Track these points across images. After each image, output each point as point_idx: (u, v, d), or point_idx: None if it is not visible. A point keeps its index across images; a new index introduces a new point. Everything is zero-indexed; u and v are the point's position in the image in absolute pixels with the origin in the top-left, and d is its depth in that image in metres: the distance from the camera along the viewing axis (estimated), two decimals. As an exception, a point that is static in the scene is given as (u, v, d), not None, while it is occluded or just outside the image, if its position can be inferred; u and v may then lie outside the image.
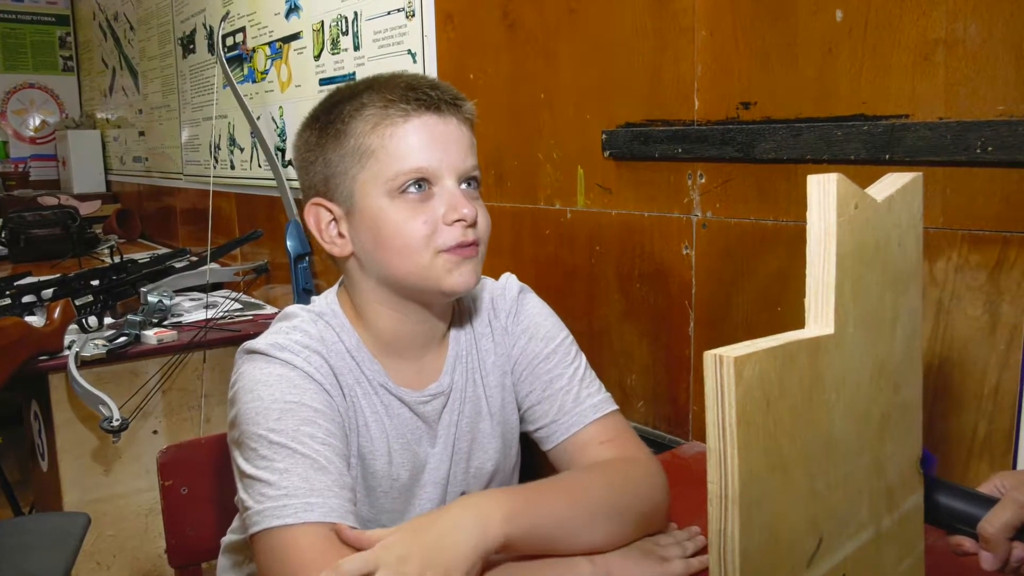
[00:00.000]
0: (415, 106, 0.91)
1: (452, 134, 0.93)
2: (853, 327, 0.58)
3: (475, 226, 0.92)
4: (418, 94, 0.91)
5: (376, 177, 0.91)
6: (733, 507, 0.51)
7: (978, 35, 0.95)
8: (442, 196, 0.91)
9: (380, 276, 0.95)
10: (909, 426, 0.67)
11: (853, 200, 0.57)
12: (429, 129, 0.91)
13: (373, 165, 0.91)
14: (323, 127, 0.94)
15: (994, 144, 0.93)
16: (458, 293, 0.95)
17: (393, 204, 0.91)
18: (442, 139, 0.92)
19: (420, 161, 0.90)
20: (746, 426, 0.50)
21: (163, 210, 3.81)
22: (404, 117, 0.91)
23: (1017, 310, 0.94)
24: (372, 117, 0.91)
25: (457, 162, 0.92)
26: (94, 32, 4.56)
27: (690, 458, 1.28)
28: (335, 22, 2.14)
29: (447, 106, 0.93)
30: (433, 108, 0.92)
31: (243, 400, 0.88)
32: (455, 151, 0.93)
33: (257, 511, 0.81)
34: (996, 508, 0.67)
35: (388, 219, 0.91)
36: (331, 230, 0.96)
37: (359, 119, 0.91)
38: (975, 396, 0.99)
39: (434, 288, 0.93)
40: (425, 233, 0.90)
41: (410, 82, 0.93)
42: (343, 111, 0.93)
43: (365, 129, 0.91)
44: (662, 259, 1.36)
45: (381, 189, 0.91)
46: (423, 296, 0.96)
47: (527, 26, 1.57)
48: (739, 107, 1.21)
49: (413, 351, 1.00)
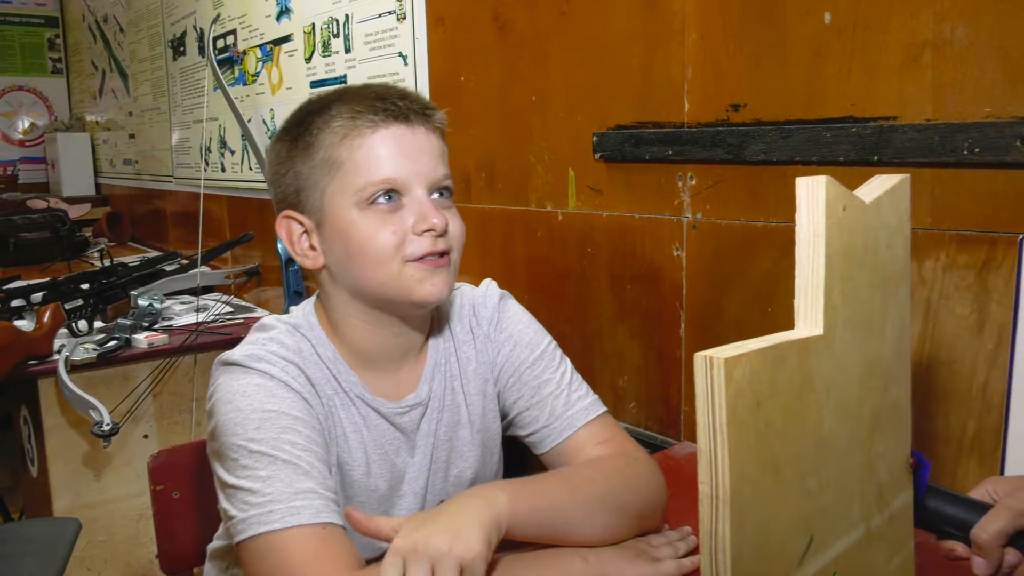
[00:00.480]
0: (383, 116, 0.91)
1: (421, 144, 0.92)
2: (842, 328, 0.59)
3: (446, 235, 0.92)
4: (386, 104, 0.91)
5: (345, 189, 0.90)
6: (724, 507, 0.51)
7: (965, 37, 0.95)
8: (411, 206, 0.91)
9: (352, 288, 0.94)
10: (899, 425, 0.67)
11: (841, 202, 0.57)
12: (397, 139, 0.91)
13: (342, 177, 0.91)
14: (293, 139, 0.94)
15: (981, 145, 0.93)
16: (430, 304, 0.95)
17: (363, 215, 0.90)
18: (411, 149, 0.91)
19: (388, 172, 0.90)
20: (736, 427, 0.51)
21: (153, 213, 3.80)
22: (372, 128, 0.90)
23: (1005, 309, 0.95)
24: (340, 128, 0.91)
25: (427, 172, 0.92)
26: (83, 34, 4.54)
27: (682, 459, 1.29)
28: (326, 24, 2.14)
29: (416, 116, 0.92)
30: (402, 118, 0.91)
31: (221, 411, 0.87)
32: (424, 161, 0.92)
33: (242, 519, 0.81)
34: (989, 515, 0.67)
35: (357, 230, 0.90)
36: (303, 242, 0.96)
37: (327, 131, 0.91)
38: (964, 394, 1.00)
39: (405, 299, 0.92)
40: (394, 243, 0.90)
41: (379, 92, 0.93)
42: (312, 123, 0.92)
43: (333, 141, 0.91)
44: (653, 260, 1.37)
45: (350, 201, 0.90)
46: (396, 307, 0.95)
47: (518, 28, 1.57)
48: (729, 109, 1.22)
49: (390, 363, 0.99)
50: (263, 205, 2.59)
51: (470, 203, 1.72)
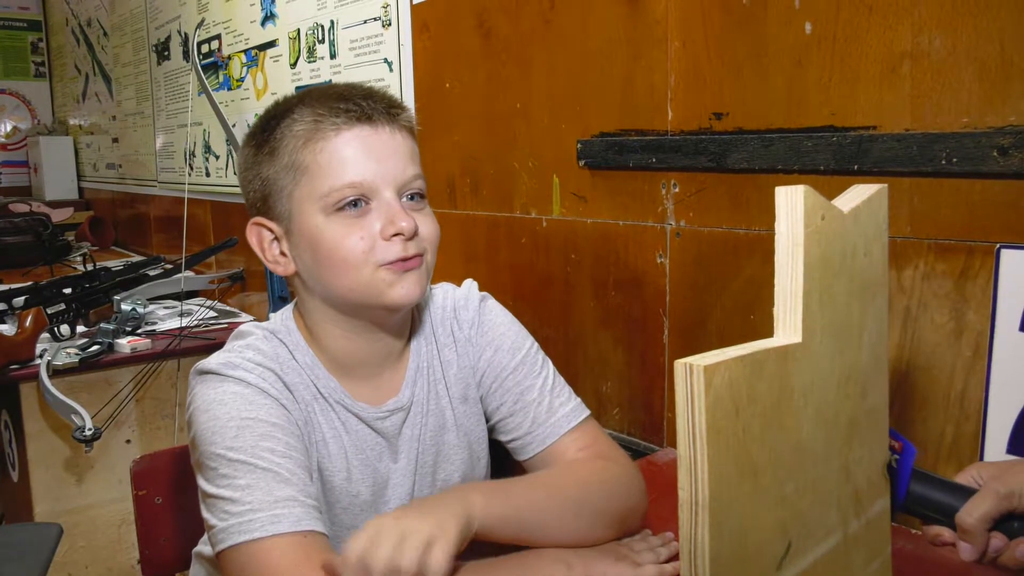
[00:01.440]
0: (346, 118, 0.88)
1: (388, 145, 0.90)
2: (821, 335, 0.59)
3: (416, 238, 0.90)
4: (349, 105, 0.89)
5: (311, 194, 0.89)
6: (703, 513, 0.52)
7: (943, 48, 0.97)
8: (379, 210, 0.89)
9: (324, 294, 0.93)
10: (876, 431, 0.68)
11: (820, 211, 0.58)
12: (362, 141, 0.89)
13: (307, 182, 0.89)
14: (258, 144, 0.92)
15: (958, 155, 0.95)
16: (403, 306, 0.93)
17: (329, 221, 0.88)
18: (377, 151, 0.89)
19: (354, 175, 0.88)
20: (716, 433, 0.51)
21: (137, 217, 3.78)
22: (335, 130, 0.88)
23: (982, 317, 0.96)
24: (303, 132, 0.89)
25: (395, 173, 0.90)
26: (67, 38, 4.51)
27: (664, 465, 1.30)
28: (311, 30, 2.14)
29: (381, 116, 0.90)
30: (365, 119, 0.89)
31: (199, 421, 0.87)
32: (392, 163, 0.90)
33: (222, 528, 0.80)
34: (974, 498, 0.67)
35: (325, 237, 0.88)
36: (273, 249, 0.94)
37: (290, 135, 0.89)
38: (942, 401, 1.01)
39: (377, 303, 0.91)
40: (363, 248, 0.88)
41: (342, 92, 0.91)
42: (276, 127, 0.90)
43: (297, 145, 0.89)
44: (637, 267, 1.37)
45: (316, 206, 0.88)
46: (369, 313, 0.94)
47: (502, 35, 1.58)
48: (712, 117, 1.23)
49: (369, 368, 0.99)
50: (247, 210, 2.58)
51: (455, 209, 1.72)
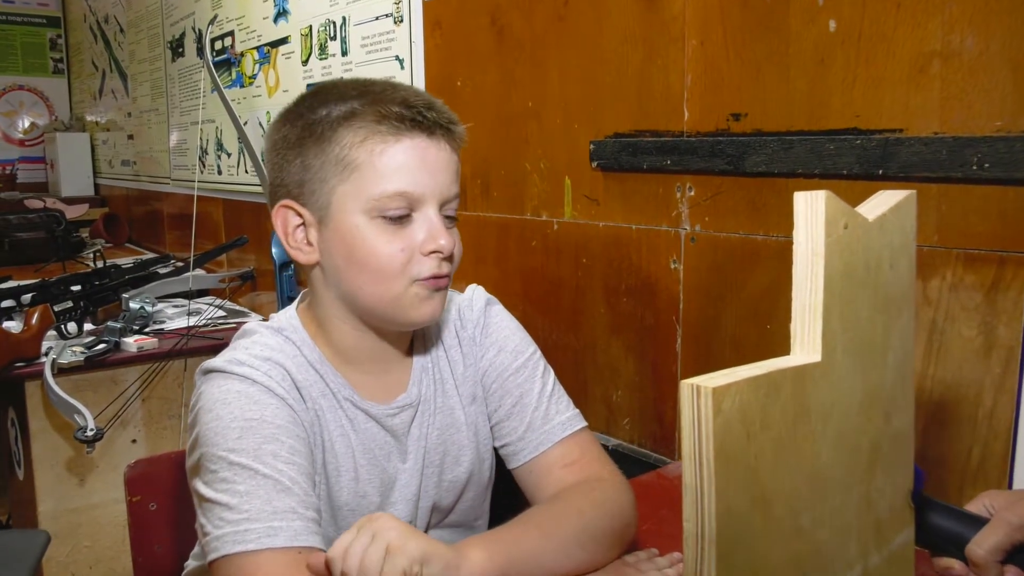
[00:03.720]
0: (409, 126, 0.86)
1: (442, 160, 0.89)
2: (842, 354, 0.55)
3: (451, 259, 0.90)
4: (413, 113, 0.86)
5: (357, 193, 0.86)
6: (710, 548, 0.47)
7: (975, 47, 0.92)
8: (422, 223, 0.88)
9: (343, 293, 0.91)
10: (900, 457, 0.63)
11: (843, 219, 0.53)
12: (420, 152, 0.87)
13: (356, 180, 0.86)
14: (306, 127, 0.89)
15: (991, 160, 0.90)
16: (422, 325, 0.94)
17: (371, 224, 0.87)
18: (432, 164, 0.88)
19: (406, 184, 0.86)
20: (725, 461, 0.47)
21: (151, 215, 3.77)
22: (396, 136, 0.86)
23: (1013, 332, 0.91)
24: (362, 129, 0.86)
25: (442, 189, 0.89)
26: (84, 34, 4.52)
27: (676, 478, 1.25)
28: (323, 27, 2.11)
29: (441, 129, 0.89)
30: (426, 130, 0.87)
31: (202, 421, 0.84)
32: (442, 178, 0.89)
33: (216, 536, 0.78)
34: (985, 529, 0.64)
35: (364, 239, 0.87)
36: (298, 235, 0.92)
37: (347, 128, 0.86)
38: (969, 420, 0.96)
39: (400, 318, 0.91)
40: (402, 260, 0.87)
41: (406, 98, 0.88)
42: (330, 115, 0.87)
43: (353, 141, 0.86)
44: (649, 273, 1.33)
45: (360, 206, 0.86)
46: (383, 323, 0.93)
47: (515, 34, 1.54)
48: (729, 119, 1.18)
49: (377, 364, 0.97)
50: (259, 208, 2.56)
51: (465, 211, 1.68)
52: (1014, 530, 0.63)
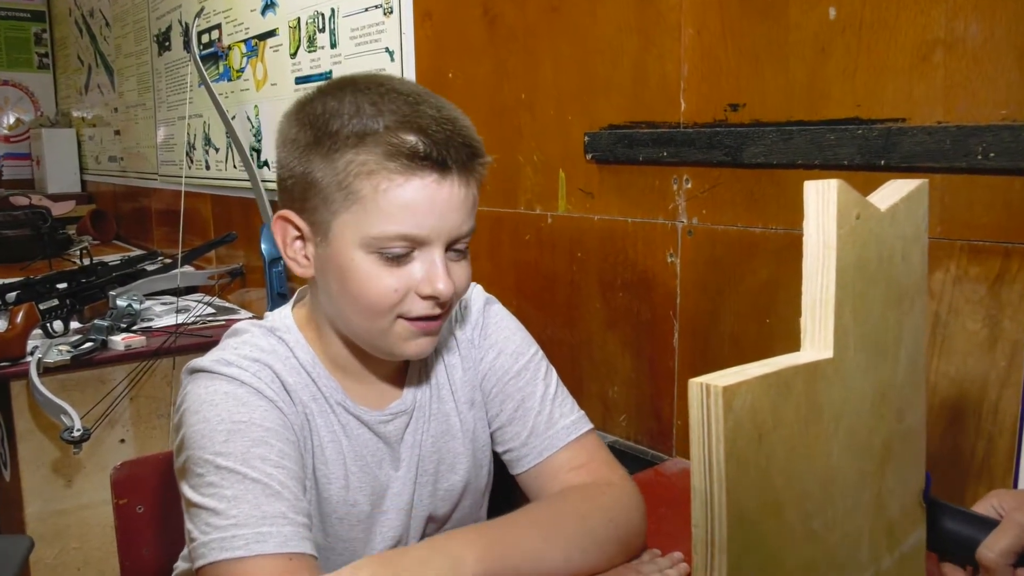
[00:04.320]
0: (420, 164, 0.78)
1: (456, 199, 0.81)
2: (854, 350, 0.52)
3: (447, 303, 0.85)
4: (428, 147, 0.78)
5: (357, 225, 0.80)
6: (721, 555, 0.45)
7: (979, 35, 0.90)
8: (423, 263, 0.82)
9: (333, 314, 0.89)
10: (912, 456, 0.61)
11: (855, 209, 0.51)
12: (430, 194, 0.79)
13: (358, 211, 0.80)
14: (316, 137, 0.81)
15: (996, 150, 0.88)
16: (410, 359, 0.91)
17: (367, 259, 0.81)
18: (442, 205, 0.80)
19: (410, 228, 0.80)
20: (735, 463, 0.44)
21: (138, 211, 3.73)
22: (405, 175, 0.78)
23: (1018, 325, 0.89)
24: (370, 162, 0.78)
25: (451, 230, 0.82)
26: (70, 29, 4.46)
27: (674, 475, 1.23)
28: (311, 19, 2.07)
29: (458, 166, 0.81)
30: (441, 169, 0.79)
31: (188, 423, 0.81)
32: (452, 218, 0.82)
33: (204, 542, 0.75)
34: (996, 532, 0.61)
35: (358, 272, 0.82)
36: (296, 246, 0.87)
37: (353, 153, 0.79)
38: (973, 415, 0.94)
39: (385, 350, 0.88)
40: (393, 301, 0.82)
41: (426, 127, 0.79)
42: (343, 128, 0.79)
43: (360, 172, 0.79)
44: (646, 267, 1.31)
45: (359, 240, 0.80)
46: (371, 351, 0.90)
47: (508, 24, 1.51)
48: (727, 109, 1.16)
49: (370, 371, 0.94)
50: (248, 204, 2.53)
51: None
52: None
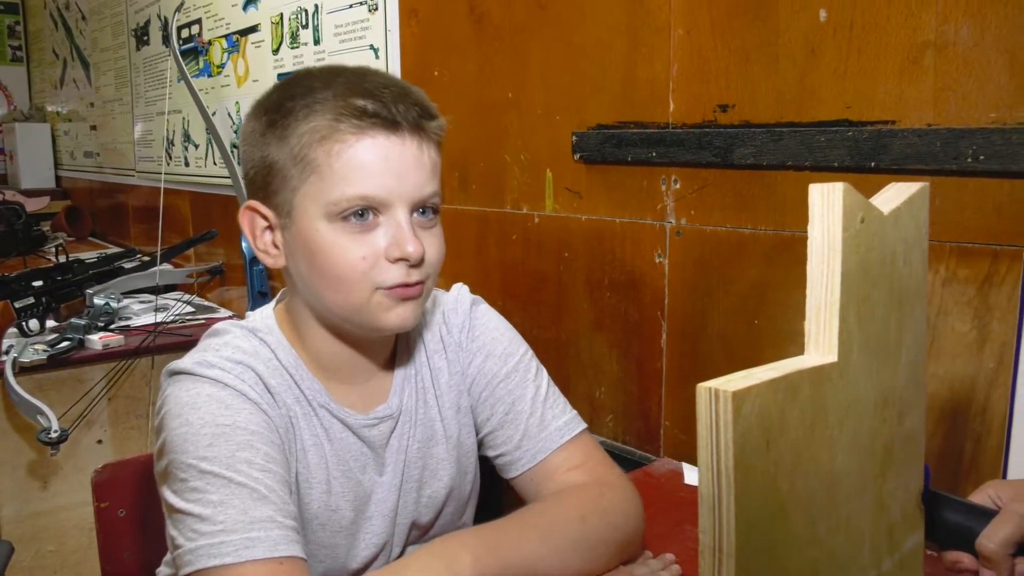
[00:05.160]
0: (371, 123, 0.79)
1: (411, 158, 0.81)
2: (857, 353, 0.52)
3: (421, 264, 0.83)
4: (377, 107, 0.79)
5: (316, 195, 0.80)
6: (729, 562, 0.44)
7: (970, 38, 0.90)
8: (388, 227, 0.81)
9: (311, 300, 0.87)
10: (912, 458, 0.61)
11: (860, 212, 0.51)
12: (383, 151, 0.80)
13: (315, 181, 0.80)
14: (271, 121, 0.83)
15: (986, 153, 0.88)
16: (394, 331, 0.87)
17: (331, 229, 0.80)
18: (398, 164, 0.80)
19: (367, 188, 0.79)
20: (744, 470, 0.44)
21: (115, 208, 3.68)
22: (356, 134, 0.79)
23: (1007, 327, 0.90)
24: (320, 128, 0.79)
25: (412, 191, 0.82)
26: (45, 21, 4.39)
27: (661, 476, 1.23)
28: (294, 15, 2.05)
29: (410, 125, 0.81)
30: (391, 127, 0.80)
31: (169, 427, 0.79)
32: (412, 178, 0.81)
33: (190, 549, 0.73)
34: (995, 522, 0.61)
35: (323, 245, 0.81)
36: (265, 237, 0.87)
37: (305, 125, 0.80)
38: (962, 415, 0.95)
39: (368, 324, 0.85)
40: (363, 269, 0.81)
41: (372, 89, 0.80)
42: (293, 110, 0.81)
43: (311, 140, 0.80)
44: (634, 267, 1.30)
45: (320, 210, 0.80)
46: (355, 329, 0.88)
47: (495, 22, 1.50)
48: (716, 110, 1.15)
49: (356, 373, 0.92)
50: (227, 201, 2.50)
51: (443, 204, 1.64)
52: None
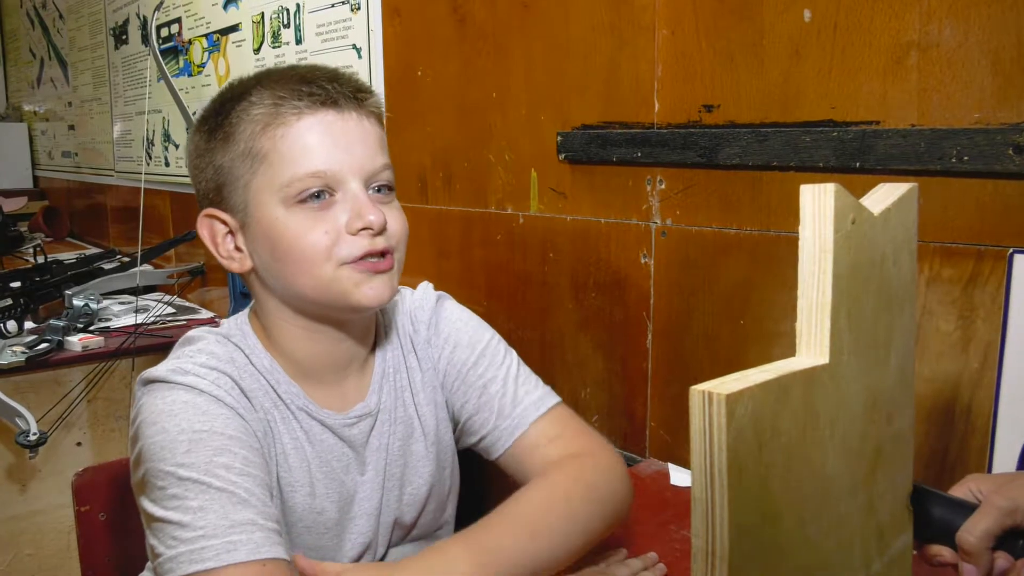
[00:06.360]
0: (309, 102, 0.82)
1: (354, 132, 0.84)
2: (848, 354, 0.52)
3: (384, 233, 0.83)
4: (313, 88, 0.82)
5: (270, 184, 0.82)
6: (722, 565, 0.44)
7: (953, 39, 0.90)
8: (345, 202, 0.82)
9: (284, 293, 0.87)
10: (901, 459, 0.61)
11: (851, 213, 0.51)
12: (327, 127, 0.82)
13: (266, 170, 0.82)
14: (211, 129, 0.85)
15: (969, 153, 0.88)
16: (371, 308, 0.87)
17: (290, 214, 0.82)
18: (343, 138, 0.83)
19: (317, 164, 0.81)
20: (737, 473, 0.44)
21: (93, 208, 3.64)
22: (297, 115, 0.81)
23: (991, 327, 0.90)
24: (262, 116, 0.82)
25: (362, 163, 0.83)
26: (21, 20, 4.34)
27: (647, 477, 1.23)
28: (276, 14, 2.04)
29: (347, 100, 0.83)
30: (331, 103, 0.82)
31: (145, 435, 0.78)
32: (359, 151, 0.83)
33: (171, 556, 0.72)
34: (975, 515, 0.61)
35: (285, 231, 0.82)
36: (227, 244, 0.87)
37: (247, 119, 0.82)
38: (946, 415, 0.95)
39: (342, 304, 0.84)
40: (325, 244, 0.81)
41: (304, 74, 0.84)
42: (232, 111, 0.83)
43: (255, 131, 0.82)
44: (619, 268, 1.30)
45: (276, 197, 0.82)
46: (333, 312, 0.87)
47: (478, 22, 1.50)
48: (701, 110, 1.15)
49: (333, 373, 0.92)
50: (208, 202, 2.47)
51: (426, 204, 1.63)
52: (1004, 515, 0.60)
